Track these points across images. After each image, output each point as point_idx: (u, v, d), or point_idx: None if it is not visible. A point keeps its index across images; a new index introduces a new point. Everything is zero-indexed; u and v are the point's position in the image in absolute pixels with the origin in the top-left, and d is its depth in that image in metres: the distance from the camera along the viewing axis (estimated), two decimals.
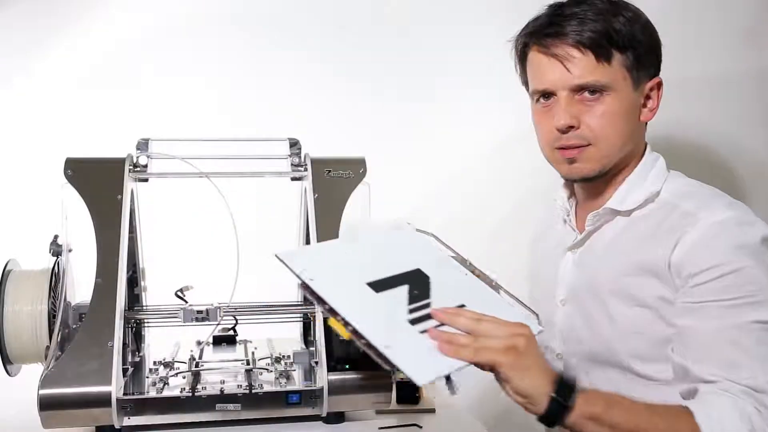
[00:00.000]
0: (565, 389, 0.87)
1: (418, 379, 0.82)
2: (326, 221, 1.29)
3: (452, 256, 1.07)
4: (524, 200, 1.77)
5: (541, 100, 1.11)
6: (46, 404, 1.09)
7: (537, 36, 1.10)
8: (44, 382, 1.10)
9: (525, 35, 1.13)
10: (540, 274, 1.28)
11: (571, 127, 1.06)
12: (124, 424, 1.14)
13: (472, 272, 1.05)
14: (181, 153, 1.29)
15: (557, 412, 0.86)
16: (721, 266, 0.97)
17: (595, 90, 1.05)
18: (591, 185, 1.15)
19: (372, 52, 1.78)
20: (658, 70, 1.11)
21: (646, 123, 1.14)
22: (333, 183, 1.32)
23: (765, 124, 1.86)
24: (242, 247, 1.26)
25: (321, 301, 0.88)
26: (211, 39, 1.72)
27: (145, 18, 1.70)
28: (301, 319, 1.48)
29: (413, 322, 0.88)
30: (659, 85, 1.10)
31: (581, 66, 1.05)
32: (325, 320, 1.21)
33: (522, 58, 1.16)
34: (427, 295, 0.93)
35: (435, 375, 0.84)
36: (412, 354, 0.84)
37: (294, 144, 1.35)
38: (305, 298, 1.45)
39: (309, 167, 1.32)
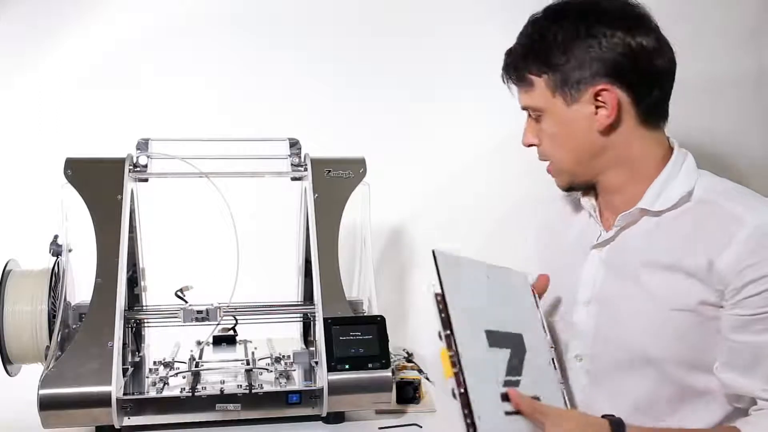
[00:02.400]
0: None
1: None
2: (326, 221, 1.29)
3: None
4: (524, 200, 1.77)
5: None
6: (46, 404, 1.09)
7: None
8: (44, 382, 1.10)
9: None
10: (558, 273, 1.20)
11: (531, 144, 1.14)
12: (124, 424, 1.14)
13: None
14: (181, 153, 1.29)
15: None
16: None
17: (534, 114, 1.11)
18: (611, 188, 1.12)
19: (372, 52, 1.77)
20: (605, 74, 1.03)
21: (656, 126, 1.11)
22: (333, 183, 1.32)
23: (764, 124, 1.86)
24: (242, 247, 1.26)
25: (447, 324, 0.86)
26: (211, 39, 1.72)
27: (145, 18, 1.69)
28: (301, 319, 1.48)
29: (503, 397, 0.89)
30: (605, 90, 1.04)
31: (516, 93, 1.14)
32: (325, 320, 1.21)
33: None
34: (519, 372, 0.94)
35: None
36: None
37: (294, 144, 1.35)
38: (305, 298, 1.45)
39: (309, 167, 1.32)
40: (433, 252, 0.90)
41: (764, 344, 0.97)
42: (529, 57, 1.08)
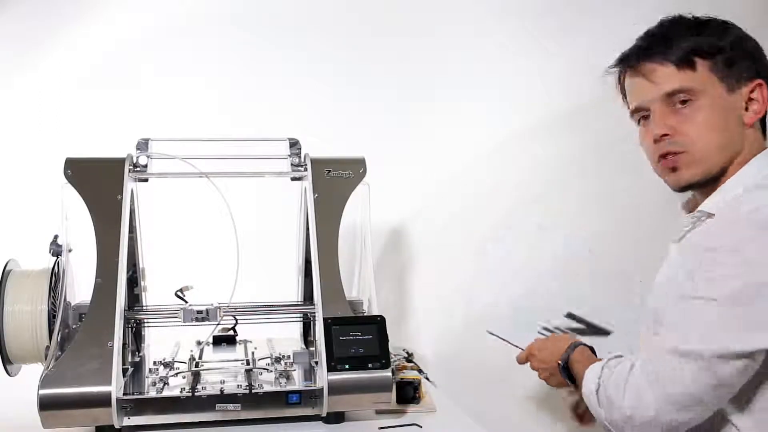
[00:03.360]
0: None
1: None
2: (326, 221, 1.29)
3: None
4: (524, 200, 1.77)
5: (642, 120, 1.16)
6: (46, 404, 1.09)
7: (625, 61, 1.18)
8: (44, 382, 1.10)
9: (617, 63, 1.20)
10: None
11: (665, 135, 1.10)
12: (124, 424, 1.14)
13: None
14: (181, 153, 1.29)
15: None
16: None
17: (686, 98, 1.09)
18: (704, 192, 1.12)
19: (372, 52, 1.77)
20: (760, 74, 1.11)
21: (764, 125, 1.13)
22: (333, 183, 1.32)
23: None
24: (242, 247, 1.26)
25: None
26: (211, 39, 1.72)
27: (145, 18, 1.70)
28: (301, 319, 1.48)
29: None
30: (760, 86, 1.10)
31: (665, 75, 1.10)
32: (325, 320, 1.21)
33: (622, 87, 1.21)
34: None
35: None
36: None
37: (294, 144, 1.35)
38: (305, 298, 1.45)
39: (309, 167, 1.32)
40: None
41: None
42: (702, 37, 1.10)
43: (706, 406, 0.98)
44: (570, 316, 1.54)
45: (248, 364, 1.31)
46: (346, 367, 1.18)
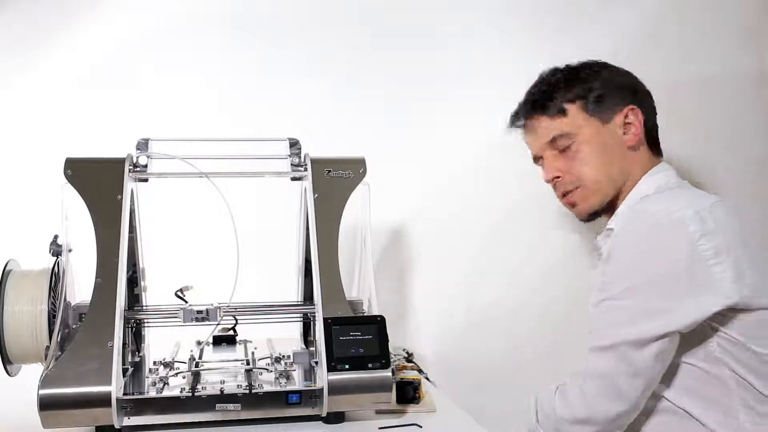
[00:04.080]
0: None
1: None
2: (326, 221, 1.29)
3: None
4: (524, 200, 1.77)
5: (538, 166, 1.34)
6: (46, 404, 1.09)
7: (515, 121, 1.37)
8: (44, 382, 1.10)
9: (511, 124, 1.38)
10: None
11: (556, 177, 1.28)
12: (124, 424, 1.14)
13: None
14: (181, 153, 1.29)
15: None
16: None
17: (565, 141, 1.25)
18: (608, 215, 1.27)
19: (372, 52, 1.77)
20: (631, 99, 1.25)
21: (651, 145, 1.26)
22: (333, 183, 1.32)
23: (764, 124, 1.86)
24: (242, 247, 1.26)
25: None
26: (211, 39, 1.72)
27: (145, 18, 1.69)
28: (301, 319, 1.48)
29: None
30: (632, 110, 1.24)
31: (543, 128, 1.28)
32: (325, 320, 1.21)
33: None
34: None
35: None
36: None
37: (294, 144, 1.35)
38: (305, 298, 1.45)
39: (309, 167, 1.32)
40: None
41: None
42: (565, 87, 1.26)
43: (627, 397, 1.09)
44: None
45: (248, 364, 1.31)
46: (346, 367, 1.18)
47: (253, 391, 1.17)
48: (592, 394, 1.11)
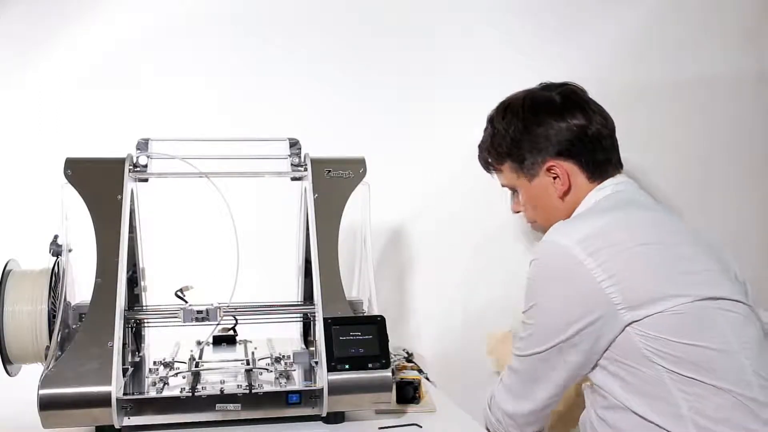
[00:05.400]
0: None
1: None
2: (326, 221, 1.29)
3: None
4: None
5: None
6: (46, 404, 1.09)
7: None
8: (44, 382, 1.10)
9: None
10: None
11: (518, 211, 1.41)
12: (124, 424, 1.14)
13: None
14: (181, 153, 1.29)
15: None
16: None
17: (511, 188, 1.39)
18: None
19: (372, 52, 1.77)
20: (552, 151, 1.27)
21: (593, 173, 1.28)
22: (333, 183, 1.32)
23: (764, 124, 1.86)
24: (242, 247, 1.26)
25: None
26: (211, 39, 1.72)
27: (145, 18, 1.69)
28: (301, 319, 1.48)
29: None
30: (551, 167, 1.28)
31: (497, 176, 1.41)
32: (325, 320, 1.21)
33: None
34: None
35: None
36: None
37: (294, 144, 1.35)
38: (305, 298, 1.45)
39: (309, 167, 1.32)
40: None
41: None
42: (492, 152, 1.36)
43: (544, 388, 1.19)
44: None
45: (248, 364, 1.31)
46: (346, 367, 1.18)
47: (253, 391, 1.17)
48: (506, 390, 1.26)
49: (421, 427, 1.22)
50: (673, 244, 1.15)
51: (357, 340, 1.19)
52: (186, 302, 1.33)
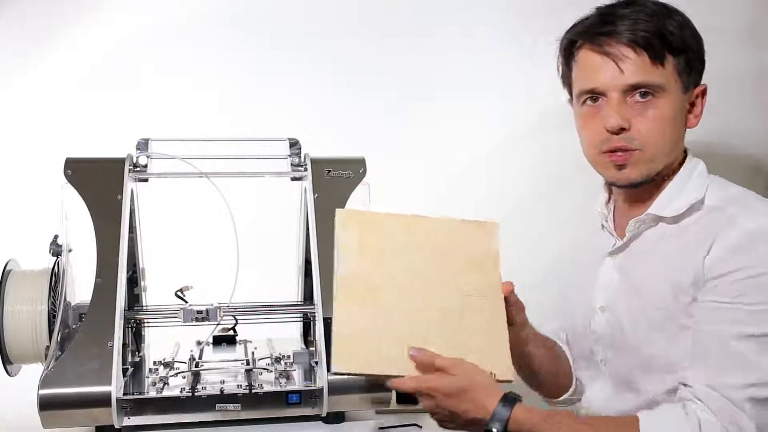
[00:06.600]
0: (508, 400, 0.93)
1: None
2: (326, 221, 1.29)
3: None
4: (524, 200, 1.77)
5: (588, 102, 1.07)
6: (46, 404, 1.09)
7: (588, 34, 1.07)
8: (44, 382, 1.10)
9: (575, 33, 1.10)
10: (577, 282, 1.23)
11: (623, 129, 1.03)
12: (124, 424, 1.14)
13: None
14: (181, 153, 1.29)
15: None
16: (747, 269, 0.94)
17: (648, 92, 1.03)
18: (635, 191, 1.10)
19: (372, 52, 1.77)
20: (701, 77, 1.10)
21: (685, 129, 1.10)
22: (333, 183, 1.32)
23: (764, 124, 1.86)
24: (242, 247, 1.26)
25: None
26: (211, 39, 1.72)
27: (145, 18, 1.69)
28: (301, 319, 1.48)
29: None
30: (704, 92, 1.09)
31: (636, 66, 1.02)
32: (325, 320, 1.21)
33: (568, 57, 1.12)
34: None
35: None
36: None
37: (294, 144, 1.35)
38: (305, 298, 1.45)
39: (309, 167, 1.32)
40: None
41: (712, 332, 0.96)
42: (674, 38, 1.03)
43: None
44: None
45: (248, 364, 1.31)
46: None
47: (253, 391, 1.17)
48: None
49: (421, 427, 1.22)
50: None
51: None
52: (186, 302, 1.33)
